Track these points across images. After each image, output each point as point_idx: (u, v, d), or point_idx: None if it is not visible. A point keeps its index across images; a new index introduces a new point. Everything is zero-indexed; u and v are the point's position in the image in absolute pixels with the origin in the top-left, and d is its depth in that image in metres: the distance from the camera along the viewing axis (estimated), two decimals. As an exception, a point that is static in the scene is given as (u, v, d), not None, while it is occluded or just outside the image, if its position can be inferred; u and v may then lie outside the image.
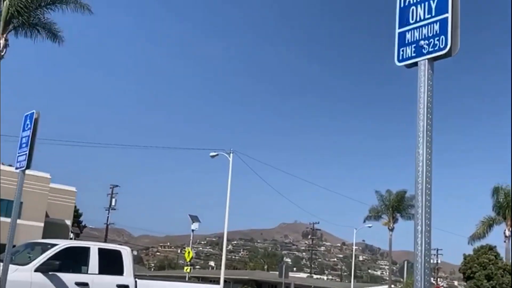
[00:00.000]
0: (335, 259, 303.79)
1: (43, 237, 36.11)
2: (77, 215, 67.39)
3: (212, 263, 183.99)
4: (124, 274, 12.43)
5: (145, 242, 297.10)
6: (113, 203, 71.07)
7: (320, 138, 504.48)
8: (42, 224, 45.19)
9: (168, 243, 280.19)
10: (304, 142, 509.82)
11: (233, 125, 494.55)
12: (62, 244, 12.06)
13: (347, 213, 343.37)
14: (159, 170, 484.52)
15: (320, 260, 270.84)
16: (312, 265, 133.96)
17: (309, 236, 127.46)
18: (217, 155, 38.13)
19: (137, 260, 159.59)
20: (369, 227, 62.18)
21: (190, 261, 36.84)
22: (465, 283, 71.27)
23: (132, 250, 14.11)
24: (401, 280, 45.63)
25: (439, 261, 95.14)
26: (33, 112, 11.17)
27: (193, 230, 37.42)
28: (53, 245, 11.94)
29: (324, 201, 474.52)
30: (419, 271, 4.45)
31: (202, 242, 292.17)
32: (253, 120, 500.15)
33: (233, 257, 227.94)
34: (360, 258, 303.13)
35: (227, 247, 40.60)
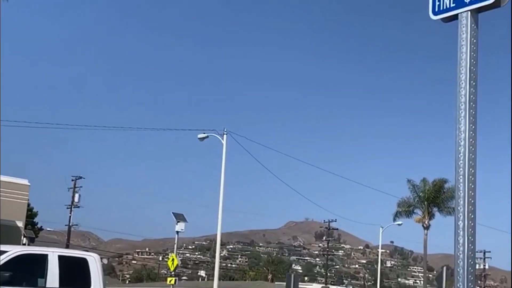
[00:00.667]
0: (357, 266, 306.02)
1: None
2: (31, 215, 67.57)
3: (202, 273, 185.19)
4: (92, 286, 12.49)
5: (118, 248, 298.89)
6: (76, 200, 71.12)
7: (336, 118, 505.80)
8: (-14, 227, 45.35)
9: (147, 249, 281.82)
10: (317, 121, 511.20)
11: (226, 99, 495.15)
12: (13, 251, 12.09)
13: (372, 209, 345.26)
14: (135, 158, 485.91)
15: (337, 267, 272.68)
16: (328, 273, 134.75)
17: (324, 238, 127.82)
18: (207, 137, 38.13)
19: (108, 270, 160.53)
20: (399, 225, 62.42)
21: (174, 270, 37.02)
22: (519, 293, 71.90)
23: (101, 258, 14.16)
24: (439, 290, 45.88)
25: (486, 266, 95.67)
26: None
27: (178, 232, 37.47)
28: (2, 252, 11.99)
29: (343, 194, 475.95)
30: (461, 278, 4.46)
31: (190, 247, 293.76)
32: (251, 92, 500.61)
33: (229, 265, 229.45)
34: (388, 263, 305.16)
35: (221, 252, 40.80)
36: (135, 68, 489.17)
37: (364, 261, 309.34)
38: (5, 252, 12.00)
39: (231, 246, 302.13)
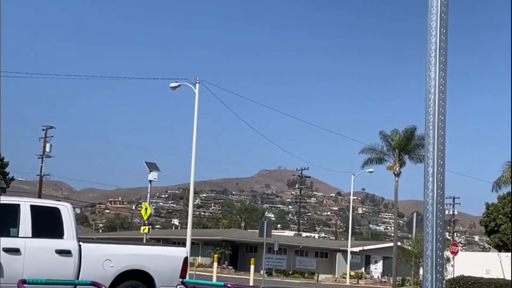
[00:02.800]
0: (329, 213, 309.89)
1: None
2: (1, 165, 67.09)
3: (175, 221, 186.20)
4: (65, 236, 12.51)
5: (91, 198, 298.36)
6: (47, 149, 70.63)
7: (312, 65, 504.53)
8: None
9: (120, 198, 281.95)
10: (290, 70, 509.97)
11: (198, 47, 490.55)
12: (-16, 201, 12.04)
13: (344, 157, 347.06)
14: (107, 107, 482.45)
15: (310, 214, 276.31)
16: (301, 221, 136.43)
17: (297, 186, 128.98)
18: (179, 86, 37.85)
19: (81, 220, 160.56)
20: (370, 172, 63.06)
21: (148, 219, 37.14)
22: (487, 238, 73.36)
23: (74, 207, 14.16)
24: (410, 236, 46.75)
25: (455, 212, 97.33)
26: None
27: (151, 181, 37.48)
28: (-27, 202, 11.93)
29: (316, 143, 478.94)
30: (430, 223, 4.54)
31: (163, 196, 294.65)
32: (223, 40, 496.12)
33: (202, 213, 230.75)
34: (360, 210, 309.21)
35: (194, 201, 41.00)
36: (105, 11, 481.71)
37: (336, 208, 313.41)
38: (-24, 202, 11.94)
39: (205, 195, 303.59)
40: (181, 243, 56.69)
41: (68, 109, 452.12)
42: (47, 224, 12.51)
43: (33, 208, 12.36)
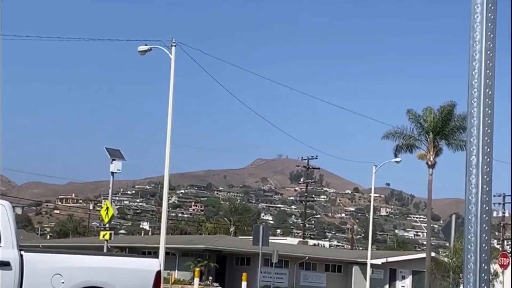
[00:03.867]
0: (343, 215, 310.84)
1: None
2: None
3: (145, 225, 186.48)
4: (2, 244, 12.50)
5: (35, 194, 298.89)
6: (-21, 132, 70.56)
7: (314, 26, 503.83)
8: None
9: (73, 195, 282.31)
10: (291, 31, 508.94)
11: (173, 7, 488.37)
12: None
13: (362, 144, 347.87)
14: (57, 78, 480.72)
15: (319, 216, 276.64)
16: (307, 225, 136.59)
17: (302, 180, 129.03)
18: (150, 49, 37.76)
19: (23, 223, 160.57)
20: (397, 162, 63.10)
21: (109, 222, 37.18)
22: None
23: (13, 206, 14.13)
24: (447, 244, 46.93)
25: (506, 214, 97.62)
26: None
27: (113, 174, 37.44)
28: None
29: (326, 125, 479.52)
30: (473, 228, 4.53)
31: (129, 193, 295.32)
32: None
33: (180, 214, 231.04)
34: (383, 211, 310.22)
35: (169, 199, 41.06)
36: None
37: (353, 209, 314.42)
38: None
39: (183, 191, 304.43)
40: (152, 253, 56.85)
41: (9, 81, 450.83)
42: (-22, 227, 12.49)
43: (-39, 207, 12.35)
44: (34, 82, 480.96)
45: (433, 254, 59.77)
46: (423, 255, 64.64)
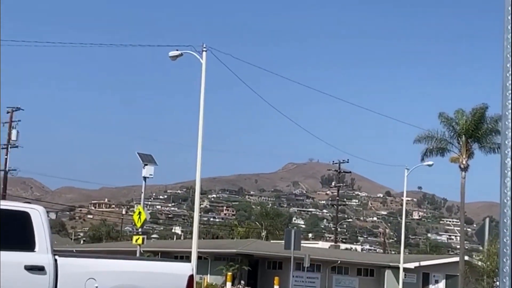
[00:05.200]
0: (375, 219, 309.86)
1: None
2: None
3: (177, 230, 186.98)
4: (36, 249, 12.58)
5: (69, 199, 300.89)
6: (13, 137, 71.12)
7: (349, 34, 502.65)
8: None
9: (106, 200, 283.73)
10: (321, 41, 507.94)
11: (206, 9, 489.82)
12: None
13: (394, 147, 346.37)
14: (90, 83, 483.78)
15: (350, 220, 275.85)
16: (339, 229, 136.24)
17: (333, 183, 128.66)
18: (181, 55, 37.85)
19: (57, 227, 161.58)
20: (429, 166, 62.85)
21: (142, 227, 37.31)
22: None
23: (47, 212, 14.22)
24: (480, 248, 46.55)
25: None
26: None
27: (145, 178, 37.60)
28: None
29: (357, 129, 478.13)
30: (508, 232, 4.51)
31: (161, 197, 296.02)
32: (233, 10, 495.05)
33: (212, 219, 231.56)
34: (415, 215, 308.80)
35: (201, 203, 41.15)
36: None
37: (385, 213, 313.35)
38: None
39: (214, 195, 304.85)
40: (185, 257, 57.00)
41: (38, 86, 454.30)
42: (13, 233, 12.56)
43: (-4, 212, 12.44)
44: (66, 87, 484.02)
45: (466, 257, 59.33)
46: (457, 259, 64.23)
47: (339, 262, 73.28)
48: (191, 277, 14.37)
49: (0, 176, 72.30)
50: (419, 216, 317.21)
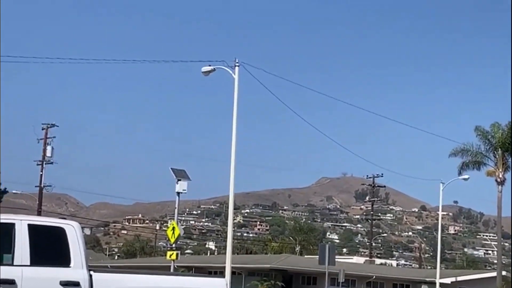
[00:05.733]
0: (410, 233, 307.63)
1: None
2: (-10, 174, 68.09)
3: (211, 245, 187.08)
4: (72, 264, 12.61)
5: (103, 215, 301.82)
6: (48, 153, 71.64)
7: (382, 47, 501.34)
8: None
9: (140, 215, 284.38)
10: (356, 54, 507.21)
11: (239, 24, 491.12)
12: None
13: (429, 161, 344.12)
14: (123, 100, 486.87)
15: (385, 235, 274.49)
16: (373, 244, 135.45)
17: (367, 198, 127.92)
18: (214, 70, 37.90)
19: (91, 243, 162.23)
20: (465, 179, 62.36)
21: (176, 242, 37.32)
22: None
23: (82, 227, 14.26)
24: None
25: None
26: None
27: (179, 194, 37.64)
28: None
29: (392, 142, 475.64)
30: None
31: (195, 212, 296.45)
32: (272, 18, 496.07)
33: (246, 234, 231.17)
34: (451, 230, 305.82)
35: (235, 218, 41.13)
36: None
37: (420, 227, 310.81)
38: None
39: (248, 211, 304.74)
40: (218, 272, 56.93)
41: (72, 102, 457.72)
42: (49, 248, 12.60)
43: (32, 228, 12.46)
44: (98, 104, 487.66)
45: (504, 273, 58.85)
46: (494, 274, 63.65)
47: (374, 277, 72.81)
48: (225, 293, 14.35)
49: (36, 192, 72.87)
50: (455, 230, 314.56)
